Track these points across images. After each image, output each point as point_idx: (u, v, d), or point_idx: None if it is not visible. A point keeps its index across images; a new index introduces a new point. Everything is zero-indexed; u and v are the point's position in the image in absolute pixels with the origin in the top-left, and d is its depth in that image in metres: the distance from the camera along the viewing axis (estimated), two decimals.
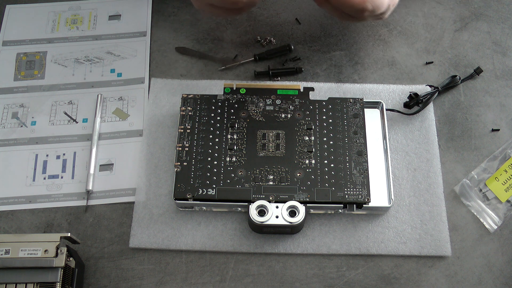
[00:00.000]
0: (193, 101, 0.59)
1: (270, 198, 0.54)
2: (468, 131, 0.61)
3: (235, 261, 0.54)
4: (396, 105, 0.62)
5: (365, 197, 0.54)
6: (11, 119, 0.62)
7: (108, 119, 0.62)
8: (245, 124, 0.58)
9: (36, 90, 0.64)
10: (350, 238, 0.55)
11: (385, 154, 0.57)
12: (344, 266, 0.54)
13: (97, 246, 0.55)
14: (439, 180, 0.58)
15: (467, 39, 0.67)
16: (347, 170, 0.55)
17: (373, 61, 0.65)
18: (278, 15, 0.69)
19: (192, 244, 0.55)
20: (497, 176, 0.58)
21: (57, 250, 0.48)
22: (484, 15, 0.69)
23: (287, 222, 0.52)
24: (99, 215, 0.57)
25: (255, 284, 0.53)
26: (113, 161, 0.59)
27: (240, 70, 0.65)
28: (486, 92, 0.64)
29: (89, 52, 0.67)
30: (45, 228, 0.56)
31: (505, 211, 0.57)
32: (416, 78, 0.64)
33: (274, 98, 0.59)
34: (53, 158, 0.60)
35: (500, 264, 0.54)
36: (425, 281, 0.54)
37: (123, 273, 0.54)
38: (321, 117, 0.58)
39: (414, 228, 0.55)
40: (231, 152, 0.56)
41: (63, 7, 0.71)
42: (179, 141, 0.57)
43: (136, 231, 0.55)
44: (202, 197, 0.54)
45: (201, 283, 0.53)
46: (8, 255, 0.47)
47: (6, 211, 0.57)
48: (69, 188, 0.58)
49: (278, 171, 0.55)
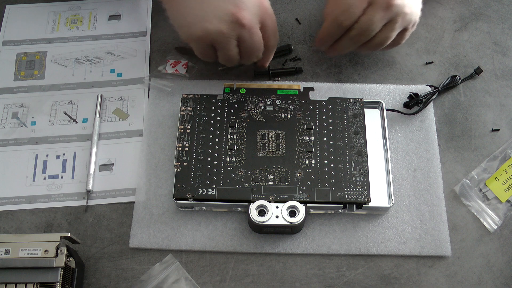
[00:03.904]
0: (193, 101, 0.59)
1: (270, 198, 0.54)
2: (468, 131, 0.61)
3: (235, 261, 0.54)
4: (396, 105, 0.62)
5: (365, 197, 0.54)
6: (11, 119, 0.62)
7: (108, 119, 0.62)
8: (245, 124, 0.58)
9: (36, 90, 0.64)
10: (350, 238, 0.55)
11: (385, 154, 0.57)
12: (344, 266, 0.54)
13: (97, 246, 0.55)
14: (439, 180, 0.58)
15: (467, 39, 0.67)
16: (347, 170, 0.55)
17: (373, 61, 0.65)
18: (278, 15, 0.68)
19: (192, 244, 0.55)
20: (497, 176, 0.58)
21: (57, 250, 0.48)
22: (484, 15, 0.69)
23: (287, 222, 0.52)
24: (99, 215, 0.57)
25: (255, 284, 0.53)
26: (113, 161, 0.59)
27: (240, 70, 0.65)
28: (486, 92, 0.64)
29: (89, 52, 0.67)
30: (45, 228, 0.56)
31: (505, 211, 0.57)
32: (416, 78, 0.64)
33: (274, 98, 0.59)
34: (53, 158, 0.60)
35: (500, 264, 0.54)
36: (425, 281, 0.54)
37: (123, 273, 0.54)
38: (321, 117, 0.58)
39: (414, 228, 0.55)
40: (231, 152, 0.56)
41: (63, 7, 0.71)
42: (179, 141, 0.57)
43: (136, 231, 0.55)
44: (202, 197, 0.54)
45: (201, 283, 0.53)
46: (8, 255, 0.47)
47: (6, 211, 0.57)
48: (69, 188, 0.58)
49: (278, 171, 0.55)
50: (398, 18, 0.55)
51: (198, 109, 0.58)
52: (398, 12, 0.54)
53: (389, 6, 0.53)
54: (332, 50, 0.59)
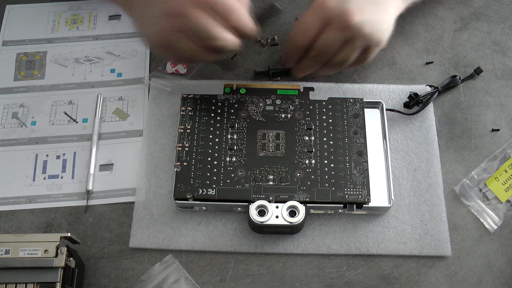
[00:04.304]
0: (193, 101, 0.59)
1: (270, 198, 0.54)
2: (468, 131, 0.61)
3: (235, 261, 0.54)
4: (396, 105, 0.62)
5: (365, 197, 0.54)
6: (11, 119, 0.62)
7: (108, 119, 0.62)
8: (245, 124, 0.58)
9: (36, 90, 0.64)
10: (350, 238, 0.55)
11: (385, 154, 0.57)
12: (344, 266, 0.54)
13: (97, 246, 0.55)
14: (439, 180, 0.58)
15: (467, 39, 0.67)
16: (347, 170, 0.55)
17: (373, 61, 0.65)
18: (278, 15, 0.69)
19: (192, 244, 0.55)
20: (497, 176, 0.58)
21: (57, 250, 0.48)
22: (484, 15, 0.69)
23: (287, 222, 0.52)
24: (99, 215, 0.57)
25: (255, 284, 0.53)
26: (113, 161, 0.59)
27: (240, 70, 0.65)
28: (486, 92, 0.64)
29: (89, 52, 0.67)
30: (45, 228, 0.56)
31: (505, 211, 0.57)
32: (416, 78, 0.64)
33: (274, 98, 0.59)
34: (53, 158, 0.60)
35: (500, 264, 0.54)
36: (425, 281, 0.54)
37: (123, 273, 0.54)
38: (321, 117, 0.58)
39: (414, 228, 0.55)
40: (231, 152, 0.56)
41: (63, 7, 0.71)
42: (179, 141, 0.57)
43: (136, 231, 0.55)
44: (202, 197, 0.54)
45: (201, 283, 0.53)
46: (8, 255, 0.47)
47: (6, 211, 0.57)
48: (69, 188, 0.58)
49: (278, 171, 0.55)
50: (356, 38, 0.54)
51: (198, 109, 0.58)
52: (356, 32, 0.53)
53: (346, 26, 0.52)
54: (296, 70, 0.59)
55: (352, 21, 0.52)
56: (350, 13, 0.52)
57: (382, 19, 0.55)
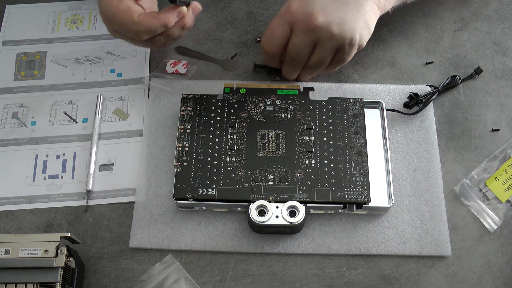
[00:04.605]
0: (193, 101, 0.59)
1: (270, 198, 0.54)
2: (468, 131, 0.61)
3: (235, 261, 0.54)
4: (396, 105, 0.62)
5: (365, 197, 0.54)
6: (11, 119, 0.62)
7: (108, 119, 0.62)
8: (245, 124, 0.58)
9: (36, 90, 0.64)
10: (350, 238, 0.55)
11: (385, 154, 0.57)
12: (344, 266, 0.54)
13: (97, 246, 0.55)
14: (439, 180, 0.58)
15: (467, 39, 0.67)
16: (347, 170, 0.55)
17: (373, 61, 0.65)
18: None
19: (192, 244, 0.55)
20: (497, 176, 0.58)
21: (57, 250, 0.48)
22: (484, 15, 0.69)
23: (287, 222, 0.52)
24: (99, 215, 0.57)
25: (255, 284, 0.53)
26: (113, 161, 0.59)
27: (240, 70, 0.65)
28: (486, 92, 0.64)
29: (89, 52, 0.67)
30: (45, 228, 0.56)
31: (505, 211, 0.57)
32: (416, 78, 0.64)
33: (274, 98, 0.59)
34: (53, 158, 0.60)
35: (500, 264, 0.54)
36: (425, 281, 0.54)
37: (123, 273, 0.54)
38: (321, 117, 0.58)
39: (414, 228, 0.55)
40: (231, 152, 0.56)
41: (63, 7, 0.71)
42: (179, 141, 0.57)
43: (136, 231, 0.55)
44: (202, 197, 0.54)
45: (201, 283, 0.53)
46: (8, 255, 0.47)
47: (6, 211, 0.57)
48: (69, 188, 0.58)
49: (278, 171, 0.55)
50: (325, 40, 0.54)
51: (198, 109, 0.58)
52: (322, 33, 0.53)
53: (311, 29, 0.53)
54: (282, 74, 0.61)
55: (316, 23, 0.52)
56: (314, 15, 0.52)
57: (353, 18, 0.54)
